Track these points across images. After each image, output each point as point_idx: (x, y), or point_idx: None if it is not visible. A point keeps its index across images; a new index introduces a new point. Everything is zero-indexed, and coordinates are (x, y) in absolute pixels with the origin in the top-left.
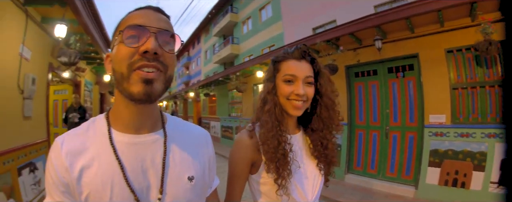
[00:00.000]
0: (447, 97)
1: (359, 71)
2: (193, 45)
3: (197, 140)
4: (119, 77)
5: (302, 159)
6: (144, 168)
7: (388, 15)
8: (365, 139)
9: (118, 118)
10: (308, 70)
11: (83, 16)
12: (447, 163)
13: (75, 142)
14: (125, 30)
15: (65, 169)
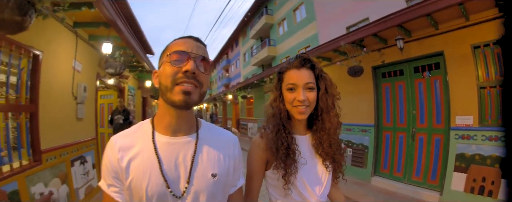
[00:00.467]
0: (474, 97)
1: (385, 72)
2: (231, 48)
3: (225, 143)
4: (164, 89)
5: (309, 157)
6: (176, 163)
7: (408, 13)
8: (392, 141)
9: (160, 122)
10: (308, 77)
11: (125, 34)
12: (474, 169)
13: (125, 140)
14: (172, 54)
15: (117, 160)
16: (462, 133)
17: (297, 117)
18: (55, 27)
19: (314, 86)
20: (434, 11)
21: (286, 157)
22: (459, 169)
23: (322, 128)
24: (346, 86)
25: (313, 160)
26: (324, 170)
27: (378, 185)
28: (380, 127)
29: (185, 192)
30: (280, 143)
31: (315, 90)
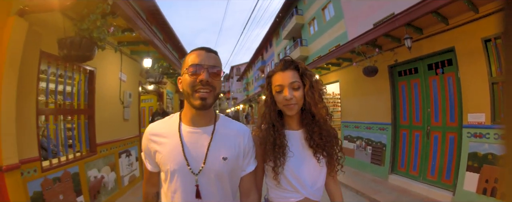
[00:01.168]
0: (486, 93)
1: (401, 70)
2: (266, 49)
3: (236, 133)
4: (186, 94)
5: (300, 151)
6: (195, 147)
7: (413, 12)
8: (408, 139)
9: (185, 116)
10: (292, 77)
11: (162, 49)
12: (486, 169)
13: (157, 128)
14: (189, 67)
15: (148, 142)
16: (475, 131)
17: (288, 113)
18: (105, 49)
19: (299, 85)
20: (439, 7)
21: (274, 151)
22: (472, 168)
23: (312, 121)
24: (365, 86)
25: (304, 153)
26: (315, 163)
27: (395, 183)
28: (397, 125)
29: (201, 170)
30: (269, 139)
31: (301, 89)
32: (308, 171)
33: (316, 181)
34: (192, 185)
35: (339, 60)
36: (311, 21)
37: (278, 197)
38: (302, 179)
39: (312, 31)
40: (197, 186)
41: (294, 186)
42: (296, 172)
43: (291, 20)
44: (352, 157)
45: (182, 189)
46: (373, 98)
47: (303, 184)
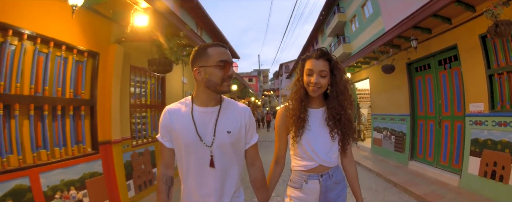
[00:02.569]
0: (483, 84)
1: (417, 66)
2: (312, 46)
3: (237, 112)
4: (214, 84)
5: (317, 126)
6: (205, 124)
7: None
8: (424, 128)
9: (197, 98)
10: (323, 66)
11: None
12: (486, 153)
13: (174, 107)
14: (218, 62)
15: (167, 119)
16: (475, 119)
17: (311, 94)
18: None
19: (327, 74)
20: (438, 10)
21: (296, 122)
22: (474, 153)
23: (335, 107)
24: (389, 81)
25: (320, 129)
26: (329, 138)
27: (413, 168)
28: (415, 116)
29: (213, 143)
30: (295, 112)
31: (327, 77)
32: (322, 144)
33: (328, 152)
34: (207, 156)
35: (366, 59)
36: (353, 18)
37: (297, 165)
38: (316, 150)
39: (353, 28)
40: (211, 157)
41: (309, 155)
42: (312, 143)
43: (334, 18)
44: (380, 146)
45: (197, 160)
46: (396, 92)
47: (317, 153)
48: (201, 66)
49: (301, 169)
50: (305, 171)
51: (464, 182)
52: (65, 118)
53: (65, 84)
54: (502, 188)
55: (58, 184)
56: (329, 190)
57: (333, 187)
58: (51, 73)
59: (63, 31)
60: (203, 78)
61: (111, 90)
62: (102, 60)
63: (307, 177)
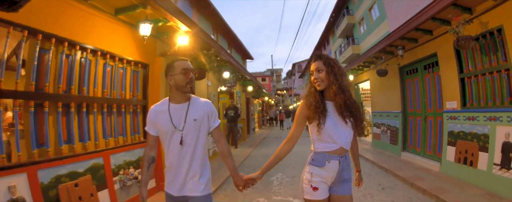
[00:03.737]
0: (456, 86)
1: (408, 70)
2: (324, 46)
3: (201, 105)
4: (180, 86)
5: (332, 115)
6: (178, 116)
7: (402, 29)
8: (413, 123)
9: (173, 98)
10: (318, 64)
11: (235, 65)
12: (460, 143)
13: (157, 107)
14: (182, 70)
15: (152, 116)
16: (451, 115)
17: (317, 88)
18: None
19: (323, 68)
20: (420, 24)
21: (320, 113)
22: (450, 143)
23: (335, 96)
24: (385, 83)
25: (337, 117)
26: (344, 125)
27: (405, 158)
28: (406, 112)
29: (183, 127)
30: (317, 105)
31: (324, 71)
32: (342, 129)
33: (347, 137)
34: (179, 137)
35: (365, 63)
36: (361, 20)
37: (321, 147)
38: (339, 134)
39: (362, 30)
40: (181, 137)
41: (333, 138)
42: (334, 129)
43: (343, 20)
44: (378, 140)
45: (173, 141)
46: (390, 92)
47: (339, 137)
48: (171, 75)
49: (325, 150)
50: (328, 152)
51: (444, 168)
52: (126, 114)
53: (125, 88)
54: (472, 172)
55: (121, 164)
56: (344, 170)
57: (346, 167)
58: (116, 81)
59: (123, 48)
60: (173, 83)
61: (159, 92)
62: (151, 69)
63: (330, 157)
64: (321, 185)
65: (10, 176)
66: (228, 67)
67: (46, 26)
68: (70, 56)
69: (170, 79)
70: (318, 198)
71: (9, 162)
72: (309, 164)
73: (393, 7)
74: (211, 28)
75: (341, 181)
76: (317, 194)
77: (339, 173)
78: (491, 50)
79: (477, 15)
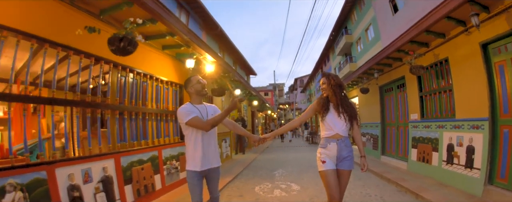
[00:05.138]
0: (417, 102)
1: (386, 89)
2: (324, 62)
3: (212, 106)
4: (199, 91)
5: (332, 111)
6: (203, 112)
7: (376, 58)
8: (390, 132)
9: (194, 101)
10: (324, 80)
11: (244, 84)
12: (420, 146)
13: (186, 108)
14: (199, 81)
15: (187, 110)
16: (413, 124)
17: (323, 95)
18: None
19: (325, 82)
20: (389, 54)
21: (324, 110)
22: (414, 146)
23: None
24: (369, 99)
25: (335, 113)
26: (339, 119)
27: (383, 160)
28: (384, 123)
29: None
30: (324, 104)
31: (326, 84)
32: (337, 121)
33: (341, 126)
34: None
35: (353, 82)
36: (358, 40)
37: (324, 134)
38: (334, 124)
39: (359, 49)
40: None
41: (330, 127)
42: (332, 120)
43: (342, 39)
44: (365, 147)
45: (199, 130)
46: (373, 107)
47: (335, 126)
48: (191, 86)
49: (326, 136)
50: (328, 137)
51: (410, 166)
52: (169, 122)
53: (168, 102)
54: (428, 167)
55: (168, 157)
56: (342, 150)
57: (344, 148)
58: (161, 97)
59: (166, 74)
60: (194, 91)
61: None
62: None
63: (330, 140)
64: (327, 159)
65: (103, 160)
66: (239, 85)
67: (123, 60)
68: (135, 80)
69: (191, 89)
70: (326, 168)
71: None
72: (319, 147)
73: (386, 29)
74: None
75: (342, 158)
76: (325, 165)
77: (338, 151)
78: (440, 75)
79: (431, 49)
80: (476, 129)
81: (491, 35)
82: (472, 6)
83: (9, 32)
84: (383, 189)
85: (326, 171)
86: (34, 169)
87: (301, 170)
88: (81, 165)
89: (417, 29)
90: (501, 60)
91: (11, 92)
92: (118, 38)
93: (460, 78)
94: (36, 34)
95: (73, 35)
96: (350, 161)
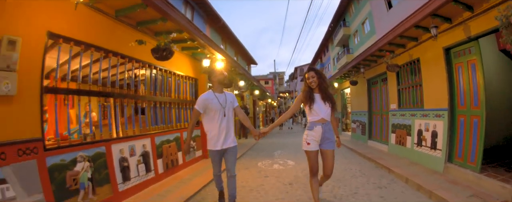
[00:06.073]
0: (395, 94)
1: (373, 81)
2: (324, 52)
3: (231, 95)
4: (222, 81)
5: (318, 100)
6: (221, 100)
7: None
8: (375, 120)
9: (215, 90)
10: (312, 73)
11: (247, 77)
12: (397, 131)
13: (205, 95)
14: (220, 72)
15: (203, 100)
16: (392, 113)
17: (311, 87)
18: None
19: (315, 76)
20: (372, 53)
21: (310, 100)
22: (393, 131)
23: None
24: (358, 90)
25: (320, 101)
26: (324, 106)
27: (370, 144)
28: (371, 111)
29: (225, 106)
30: (309, 95)
31: (315, 77)
32: (323, 108)
33: (325, 111)
34: (223, 111)
35: (345, 75)
36: (355, 32)
37: (311, 119)
38: (320, 110)
39: (356, 42)
40: (224, 111)
41: (317, 113)
42: (319, 107)
43: (340, 31)
44: (355, 133)
45: (220, 114)
46: (361, 97)
47: (320, 112)
48: (214, 76)
49: (313, 120)
50: (315, 121)
51: (390, 148)
52: (187, 109)
53: (187, 94)
54: (403, 149)
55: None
56: (326, 132)
57: (328, 131)
58: (180, 89)
59: (185, 70)
60: (217, 80)
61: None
62: (199, 82)
63: (316, 124)
64: (312, 142)
65: (143, 139)
66: (243, 77)
67: (155, 61)
68: (162, 76)
69: (214, 79)
70: (310, 149)
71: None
72: (306, 130)
73: (381, 24)
74: (221, 39)
75: (325, 140)
76: (309, 147)
77: (323, 134)
78: (414, 72)
79: (407, 50)
80: (439, 117)
81: (452, 41)
82: (433, 19)
83: (84, 46)
84: (364, 166)
85: (310, 151)
86: (96, 145)
87: (297, 151)
88: (128, 142)
89: (392, 34)
90: (460, 62)
91: (80, 88)
92: (160, 48)
93: (427, 75)
94: (103, 46)
95: (122, 44)
96: (332, 142)
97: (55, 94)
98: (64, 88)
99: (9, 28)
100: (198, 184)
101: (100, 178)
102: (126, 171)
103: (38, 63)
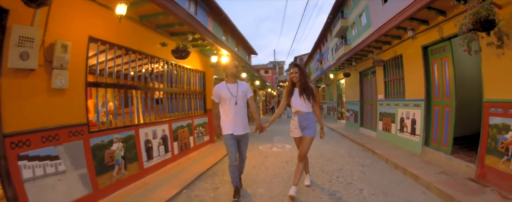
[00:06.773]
0: (382, 85)
1: (364, 73)
2: (323, 43)
3: (244, 84)
4: (234, 73)
5: (296, 94)
6: (233, 90)
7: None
8: (366, 108)
9: (228, 81)
10: (296, 69)
11: (250, 69)
12: (384, 119)
13: (218, 86)
14: (234, 65)
15: (217, 90)
16: (380, 102)
17: (293, 81)
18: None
19: (297, 71)
20: (362, 48)
21: (289, 92)
22: (380, 119)
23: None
24: (352, 81)
25: (298, 96)
26: (299, 99)
27: (361, 131)
28: (362, 101)
29: (237, 95)
30: (289, 89)
31: (298, 74)
32: (298, 101)
33: (301, 104)
34: (234, 100)
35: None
36: (353, 24)
37: (292, 110)
38: (296, 103)
39: (353, 33)
40: (236, 100)
41: (294, 105)
42: (295, 100)
43: (338, 23)
44: (349, 121)
45: (231, 103)
46: (354, 88)
47: (296, 105)
48: (228, 69)
49: (293, 111)
50: (294, 112)
51: (377, 134)
52: (197, 99)
53: (196, 85)
54: (388, 135)
55: (196, 124)
56: (301, 121)
57: (303, 120)
58: (191, 81)
59: (195, 64)
60: (230, 72)
61: (211, 87)
62: (206, 75)
63: (294, 115)
64: (295, 129)
65: (163, 124)
66: (244, 69)
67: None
68: (177, 70)
69: (228, 71)
70: (294, 136)
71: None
72: (291, 119)
73: (377, 17)
74: (222, 31)
75: (303, 128)
76: (293, 134)
77: (299, 122)
78: (397, 66)
79: (392, 46)
80: (417, 106)
81: (429, 41)
82: (410, 22)
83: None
84: (352, 149)
85: (294, 137)
86: (128, 129)
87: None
88: (151, 127)
89: (378, 33)
90: (435, 59)
91: (116, 82)
92: (179, 49)
93: (408, 70)
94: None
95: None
96: (310, 129)
97: (97, 87)
98: (103, 83)
99: (61, 34)
100: (209, 163)
101: (130, 156)
102: (150, 151)
103: (82, 62)
